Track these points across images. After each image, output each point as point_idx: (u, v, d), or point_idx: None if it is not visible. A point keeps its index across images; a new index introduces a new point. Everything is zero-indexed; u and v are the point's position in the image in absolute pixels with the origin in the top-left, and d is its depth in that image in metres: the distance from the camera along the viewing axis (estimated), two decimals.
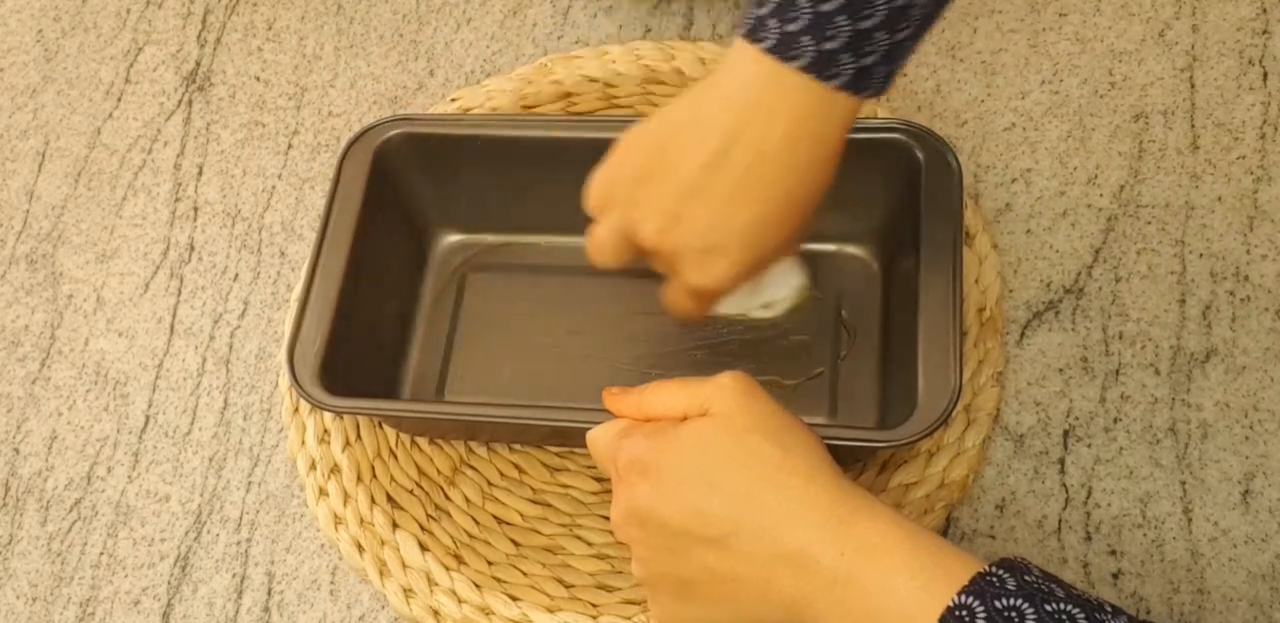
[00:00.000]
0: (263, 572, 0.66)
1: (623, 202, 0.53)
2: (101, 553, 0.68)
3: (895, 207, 0.65)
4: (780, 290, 0.60)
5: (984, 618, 0.39)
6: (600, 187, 0.54)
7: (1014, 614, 0.38)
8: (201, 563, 0.67)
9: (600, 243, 0.55)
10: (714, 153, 0.50)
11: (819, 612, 0.42)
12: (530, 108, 0.75)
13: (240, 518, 0.67)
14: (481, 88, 0.77)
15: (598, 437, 0.50)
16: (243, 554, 0.67)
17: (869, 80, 0.48)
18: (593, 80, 0.76)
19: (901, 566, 0.41)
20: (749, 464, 0.44)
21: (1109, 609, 0.39)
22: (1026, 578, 0.40)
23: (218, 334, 0.73)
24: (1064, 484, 0.64)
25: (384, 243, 0.67)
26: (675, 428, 0.46)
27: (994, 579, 0.40)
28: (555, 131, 0.66)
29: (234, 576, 0.66)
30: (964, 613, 0.39)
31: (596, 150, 0.55)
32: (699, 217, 0.51)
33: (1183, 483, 0.63)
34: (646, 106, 0.74)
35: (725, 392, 0.47)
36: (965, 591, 0.39)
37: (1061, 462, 0.64)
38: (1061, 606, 0.39)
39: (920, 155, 0.62)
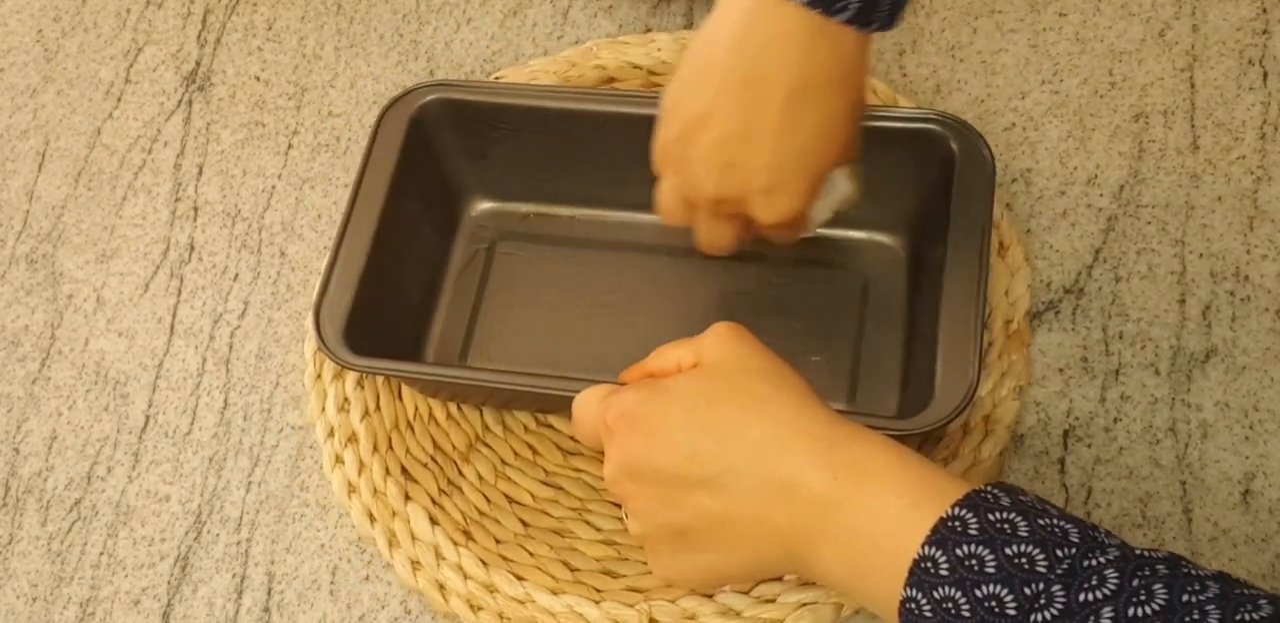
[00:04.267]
0: (263, 572, 0.66)
1: (675, 160, 0.55)
2: (101, 553, 0.68)
3: (926, 197, 0.65)
4: (833, 196, 0.59)
5: (976, 528, 0.39)
6: (657, 150, 0.56)
7: (1006, 526, 0.39)
8: (201, 563, 0.67)
9: (663, 203, 0.58)
10: (742, 96, 0.51)
11: (814, 541, 0.42)
12: None
13: (240, 518, 0.67)
14: (525, 67, 0.77)
15: (584, 400, 0.50)
16: (243, 554, 0.67)
17: (873, 14, 0.50)
18: (636, 67, 0.76)
19: (891, 486, 0.41)
20: (737, 400, 0.44)
21: (1103, 531, 0.39)
22: (1022, 497, 0.40)
23: (218, 334, 0.73)
24: (1064, 484, 0.64)
25: (415, 207, 0.67)
26: (664, 380, 0.47)
27: (988, 496, 0.40)
28: (595, 105, 0.66)
29: (234, 576, 0.66)
30: (956, 524, 0.39)
31: (634, 126, 0.55)
32: (749, 160, 0.52)
33: (1183, 483, 0.63)
34: None
35: (715, 339, 0.47)
36: (959, 504, 0.39)
37: (1061, 462, 0.64)
38: (1054, 522, 0.39)
39: (955, 147, 0.62)
